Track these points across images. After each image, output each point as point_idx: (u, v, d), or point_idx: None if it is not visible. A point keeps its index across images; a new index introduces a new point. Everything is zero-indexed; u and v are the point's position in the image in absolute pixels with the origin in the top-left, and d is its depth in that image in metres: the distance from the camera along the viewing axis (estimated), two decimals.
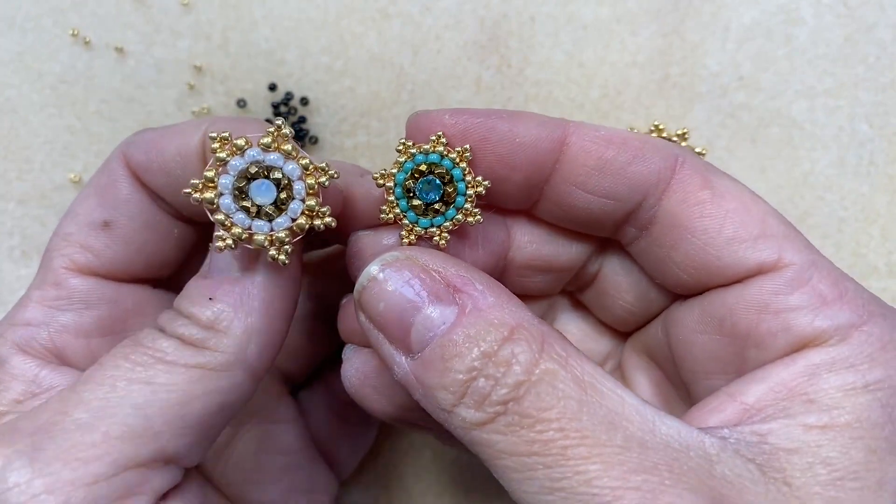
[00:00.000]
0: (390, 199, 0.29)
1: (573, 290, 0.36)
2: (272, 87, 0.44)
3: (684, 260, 0.30)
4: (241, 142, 0.27)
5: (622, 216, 0.30)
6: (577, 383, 0.25)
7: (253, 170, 0.27)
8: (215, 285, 0.29)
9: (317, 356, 0.41)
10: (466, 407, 0.25)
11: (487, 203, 0.31)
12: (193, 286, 0.29)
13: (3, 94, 0.44)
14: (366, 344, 0.33)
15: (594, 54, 0.45)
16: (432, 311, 0.26)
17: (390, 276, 0.27)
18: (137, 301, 0.33)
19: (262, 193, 0.27)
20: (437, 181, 0.29)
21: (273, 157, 0.27)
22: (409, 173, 0.29)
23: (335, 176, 0.28)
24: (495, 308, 0.26)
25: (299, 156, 0.27)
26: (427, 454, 0.45)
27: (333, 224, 0.28)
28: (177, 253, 0.34)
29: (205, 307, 0.28)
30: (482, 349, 0.25)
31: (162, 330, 0.29)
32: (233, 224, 0.27)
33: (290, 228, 0.28)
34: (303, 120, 0.44)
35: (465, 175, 0.29)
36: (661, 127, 0.43)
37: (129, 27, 0.44)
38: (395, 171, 0.29)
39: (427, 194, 0.29)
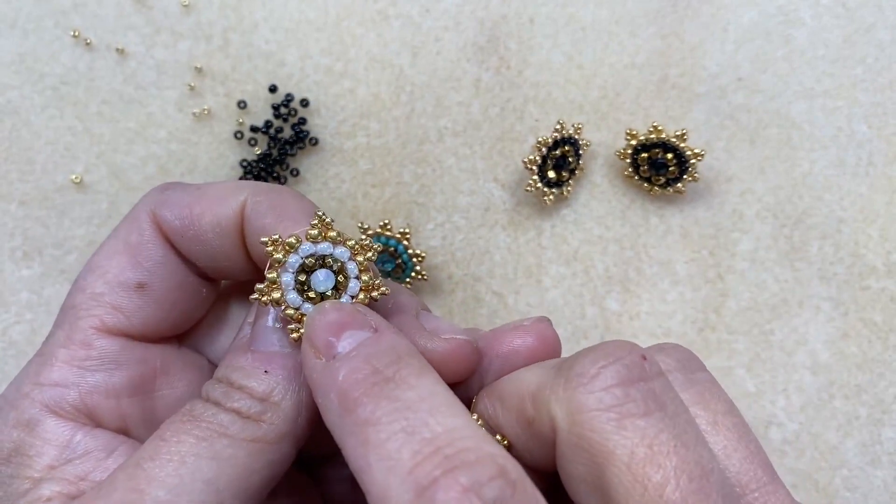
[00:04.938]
0: None
1: None
2: (272, 89, 0.44)
3: None
4: (292, 240, 0.29)
5: None
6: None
7: (309, 262, 0.30)
8: (268, 359, 0.29)
9: None
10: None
11: None
12: (243, 359, 0.30)
13: (4, 96, 0.45)
14: None
15: (593, 55, 0.45)
16: None
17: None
18: (164, 361, 0.33)
19: (322, 283, 0.30)
20: None
21: (324, 247, 0.30)
22: None
23: (379, 249, 0.31)
24: None
25: (346, 239, 0.30)
26: None
27: (388, 292, 0.31)
28: (201, 310, 0.35)
29: (260, 380, 0.29)
30: None
31: (217, 403, 0.29)
32: (302, 315, 0.29)
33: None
34: (303, 121, 0.44)
35: None
36: (659, 128, 0.43)
37: (129, 28, 0.44)
38: None
39: None
